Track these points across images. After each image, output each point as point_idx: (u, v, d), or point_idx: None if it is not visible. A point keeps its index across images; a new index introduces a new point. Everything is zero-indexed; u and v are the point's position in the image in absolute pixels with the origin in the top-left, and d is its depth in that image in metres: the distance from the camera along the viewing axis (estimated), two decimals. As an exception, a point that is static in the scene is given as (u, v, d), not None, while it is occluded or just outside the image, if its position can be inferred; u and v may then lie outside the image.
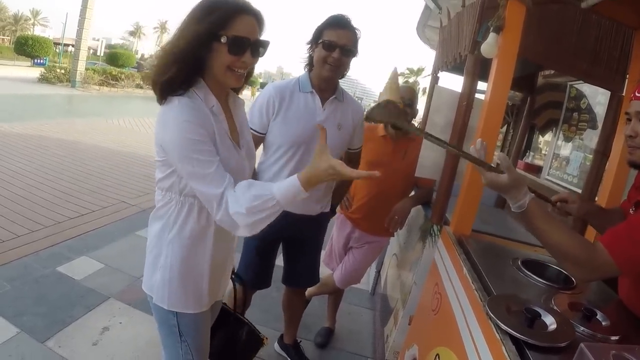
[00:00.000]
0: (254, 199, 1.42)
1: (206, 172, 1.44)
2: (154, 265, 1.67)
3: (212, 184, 1.44)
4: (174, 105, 1.47)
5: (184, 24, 1.51)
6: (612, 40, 2.42)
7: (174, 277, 1.64)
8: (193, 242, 1.64)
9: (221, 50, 1.50)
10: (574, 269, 1.46)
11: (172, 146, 1.46)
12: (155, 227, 1.67)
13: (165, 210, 1.63)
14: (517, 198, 1.49)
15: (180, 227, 1.61)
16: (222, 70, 1.54)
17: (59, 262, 3.99)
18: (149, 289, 1.70)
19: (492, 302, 1.45)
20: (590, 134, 4.08)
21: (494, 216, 3.23)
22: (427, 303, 2.25)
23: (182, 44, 1.48)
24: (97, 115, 14.63)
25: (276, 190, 1.45)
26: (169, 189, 1.60)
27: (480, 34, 2.22)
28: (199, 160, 1.44)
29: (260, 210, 1.42)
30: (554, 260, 2.17)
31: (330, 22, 2.36)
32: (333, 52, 2.32)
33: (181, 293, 1.67)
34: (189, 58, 1.49)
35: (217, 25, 1.47)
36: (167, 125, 1.47)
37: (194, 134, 1.44)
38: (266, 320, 3.39)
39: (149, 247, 1.70)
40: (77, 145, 9.13)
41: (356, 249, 3.33)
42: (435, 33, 4.75)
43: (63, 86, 23.15)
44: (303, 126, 2.39)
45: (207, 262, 1.69)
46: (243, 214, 1.41)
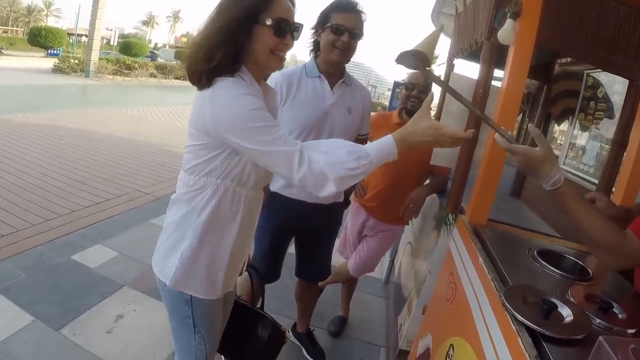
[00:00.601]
0: (349, 153, 1.39)
1: (276, 136, 1.40)
2: (172, 250, 1.63)
3: (287, 144, 1.40)
4: (227, 83, 1.45)
5: (218, 11, 1.50)
6: (630, 27, 2.36)
7: (195, 261, 1.62)
8: (221, 228, 1.63)
9: (264, 33, 1.49)
10: (605, 255, 1.43)
11: (234, 122, 1.41)
12: (179, 211, 1.63)
13: (196, 193, 1.59)
14: (551, 174, 1.40)
15: (212, 211, 1.58)
16: (266, 54, 1.53)
17: (73, 250, 4.03)
18: (164, 274, 1.65)
19: (508, 292, 1.43)
20: (607, 124, 4.03)
21: (510, 205, 3.21)
22: (441, 292, 2.24)
23: (226, 30, 1.47)
24: (111, 105, 14.72)
25: (369, 148, 1.43)
26: (207, 174, 1.56)
27: (497, 20, 2.19)
28: (266, 127, 1.40)
29: (355, 166, 1.39)
30: (570, 251, 2.16)
31: (337, 5, 2.34)
32: (342, 36, 2.30)
33: (199, 278, 1.64)
34: (232, 42, 1.47)
35: (258, 8, 1.47)
36: (222, 104, 1.43)
37: (253, 104, 1.42)
38: (279, 308, 3.39)
39: (168, 230, 1.66)
40: (91, 134, 9.19)
41: (370, 237, 3.31)
42: (450, 20, 4.69)
43: (77, 76, 23.24)
44: (313, 110, 2.38)
45: (229, 248, 1.66)
46: (338, 165, 1.37)
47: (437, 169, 3.01)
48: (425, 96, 2.95)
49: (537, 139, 1.42)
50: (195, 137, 1.54)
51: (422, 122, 1.43)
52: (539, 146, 1.40)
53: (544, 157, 1.40)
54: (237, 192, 1.59)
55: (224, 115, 1.42)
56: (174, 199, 1.67)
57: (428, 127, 1.42)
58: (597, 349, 1.03)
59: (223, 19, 1.48)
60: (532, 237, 2.28)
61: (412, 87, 3.02)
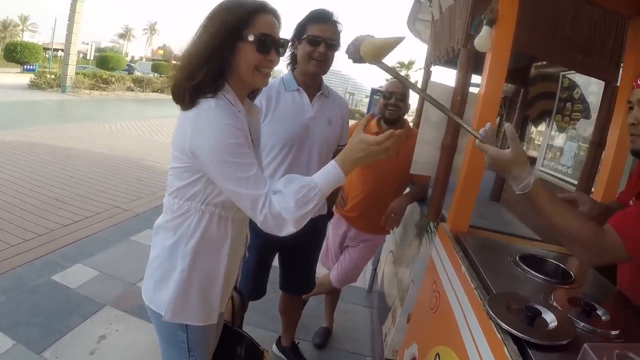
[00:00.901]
0: (299, 190, 1.40)
1: (249, 175, 1.39)
2: (163, 281, 1.59)
3: (256, 186, 1.39)
4: (211, 107, 1.42)
5: (203, 27, 1.48)
6: (605, 30, 2.40)
7: (190, 290, 1.58)
8: (211, 253, 1.59)
9: (247, 50, 1.47)
10: (582, 251, 1.44)
11: (210, 151, 1.39)
12: (166, 240, 1.59)
13: (181, 221, 1.56)
14: (520, 177, 1.43)
15: (200, 238, 1.55)
16: (250, 71, 1.51)
17: (53, 270, 3.95)
18: (157, 305, 1.61)
19: (492, 300, 1.42)
20: (584, 124, 4.07)
21: (490, 210, 3.21)
22: (425, 301, 2.23)
23: (208, 47, 1.45)
24: (88, 120, 14.57)
25: (316, 178, 1.44)
26: (190, 198, 1.53)
27: (473, 27, 2.20)
28: (241, 164, 1.39)
29: (307, 201, 1.40)
30: (551, 254, 2.17)
31: (313, 16, 2.33)
32: (319, 47, 2.29)
33: (196, 306, 1.61)
34: (214, 59, 1.45)
35: (240, 24, 1.45)
36: (204, 129, 1.40)
37: (235, 137, 1.40)
38: (263, 322, 3.36)
39: (157, 261, 1.62)
40: (69, 151, 9.07)
41: (352, 247, 3.31)
42: (426, 26, 4.72)
43: (53, 91, 23.00)
44: (293, 124, 2.37)
45: (222, 272, 1.63)
46: (292, 207, 1.38)
47: (416, 177, 3.00)
48: (403, 104, 2.97)
49: (510, 140, 1.43)
50: (178, 159, 1.51)
51: (353, 140, 1.46)
52: (511, 148, 1.42)
53: (513, 160, 1.43)
54: (223, 217, 1.56)
55: (202, 142, 1.40)
56: (159, 225, 1.64)
57: (358, 143, 1.45)
58: (583, 356, 1.03)
59: (206, 36, 1.46)
60: (513, 242, 2.28)
61: (390, 95, 3.02)
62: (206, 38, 1.45)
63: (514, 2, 2.02)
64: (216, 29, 1.45)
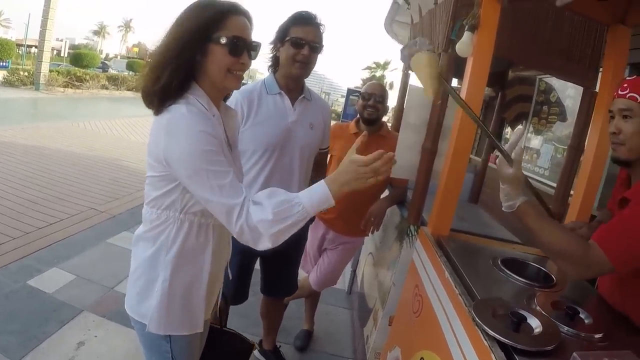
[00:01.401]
0: (280, 204, 1.36)
1: (223, 183, 1.35)
2: (145, 291, 1.56)
3: (231, 195, 1.35)
4: (183, 113, 1.38)
5: (172, 28, 1.45)
6: (585, 37, 2.44)
7: (173, 300, 1.55)
8: (193, 261, 1.56)
9: (218, 52, 1.44)
10: (568, 266, 1.48)
11: (184, 159, 1.36)
12: (146, 251, 1.56)
13: (159, 231, 1.53)
14: (509, 196, 1.54)
15: (180, 247, 1.52)
16: (222, 74, 1.47)
17: (29, 275, 3.86)
18: (141, 316, 1.58)
19: (477, 307, 1.43)
20: (560, 127, 4.13)
21: (469, 212, 3.24)
22: (407, 304, 2.24)
23: (174, 47, 1.41)
24: (62, 119, 14.29)
25: (301, 195, 1.40)
26: (167, 207, 1.50)
27: (454, 33, 2.21)
28: (215, 172, 1.35)
29: (286, 216, 1.36)
30: (531, 256, 2.20)
31: (297, 18, 2.32)
32: (302, 49, 2.27)
33: (180, 316, 1.58)
34: (181, 61, 1.42)
35: (211, 26, 1.42)
36: (177, 136, 1.37)
37: (209, 144, 1.36)
38: (245, 325, 3.33)
39: (138, 271, 1.59)
40: (43, 150, 8.89)
41: (330, 250, 3.31)
42: (403, 28, 4.74)
43: (27, 89, 22.59)
44: (275, 128, 2.35)
45: (204, 281, 1.60)
46: (269, 220, 1.34)
47: (395, 180, 3.00)
48: (381, 106, 2.99)
49: (514, 161, 1.54)
50: (153, 167, 1.48)
51: (345, 160, 1.44)
52: (513, 168, 1.53)
53: (509, 178, 1.54)
54: (203, 224, 1.53)
55: (175, 150, 1.37)
56: (138, 236, 1.60)
57: (348, 163, 1.42)
58: (572, 365, 1.05)
59: (175, 36, 1.43)
60: (494, 245, 2.31)
61: (369, 97, 3.04)
62: (175, 38, 1.42)
63: (496, 8, 2.04)
64: (186, 29, 1.42)
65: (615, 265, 1.39)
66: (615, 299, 1.73)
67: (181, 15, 1.46)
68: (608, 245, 1.40)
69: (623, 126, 1.58)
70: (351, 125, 3.22)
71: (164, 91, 1.41)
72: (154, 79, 1.42)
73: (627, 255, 1.39)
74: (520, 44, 2.34)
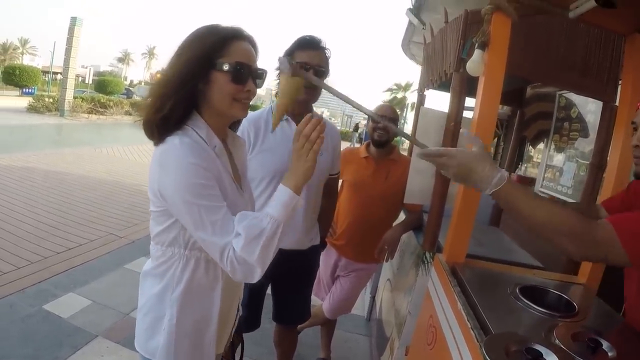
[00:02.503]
0: (249, 223, 1.31)
1: (215, 219, 1.30)
2: (154, 328, 1.51)
3: (222, 233, 1.30)
4: (175, 145, 1.33)
5: (174, 57, 1.41)
6: (601, 49, 2.35)
7: (181, 338, 1.49)
8: (202, 299, 1.50)
9: (222, 80, 1.39)
10: (571, 242, 1.32)
11: (174, 191, 1.31)
12: (154, 287, 1.51)
13: (166, 268, 1.47)
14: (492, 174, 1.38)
15: (186, 285, 1.46)
16: (227, 102, 1.42)
17: (45, 299, 3.88)
18: (150, 353, 1.52)
19: (489, 343, 1.34)
20: (582, 143, 4.02)
21: (489, 236, 3.12)
22: (422, 335, 2.14)
23: (177, 78, 1.37)
24: (85, 145, 14.52)
25: (267, 206, 1.35)
26: (171, 244, 1.45)
27: (465, 51, 2.15)
28: (206, 207, 1.30)
29: (259, 232, 1.30)
30: (553, 282, 2.09)
31: (301, 43, 2.29)
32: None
33: (190, 354, 1.52)
34: (184, 91, 1.37)
35: (213, 53, 1.38)
36: (168, 168, 1.33)
37: (200, 177, 1.31)
38: (259, 354, 3.28)
39: (145, 308, 1.53)
40: (65, 176, 9.02)
41: (343, 277, 3.25)
42: (420, 49, 4.70)
43: (52, 115, 23.10)
44: (282, 155, 2.29)
45: (214, 319, 1.53)
46: (246, 243, 1.28)
47: (409, 205, 2.93)
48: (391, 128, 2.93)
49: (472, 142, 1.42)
50: (153, 202, 1.43)
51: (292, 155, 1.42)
52: (474, 147, 1.39)
53: (480, 156, 1.38)
54: (211, 260, 1.44)
55: (167, 182, 1.33)
56: (146, 272, 1.55)
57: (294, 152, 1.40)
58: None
59: (178, 64, 1.39)
60: (513, 271, 2.19)
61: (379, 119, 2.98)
62: (178, 66, 1.38)
63: (507, 24, 1.97)
64: (187, 58, 1.38)
65: (626, 249, 1.23)
66: None
67: (183, 44, 1.42)
68: (623, 227, 1.25)
69: None
70: (361, 149, 3.18)
71: (164, 122, 1.37)
72: (155, 110, 1.38)
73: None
74: (534, 60, 2.27)
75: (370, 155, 3.08)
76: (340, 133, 2.77)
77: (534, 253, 2.76)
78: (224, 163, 1.48)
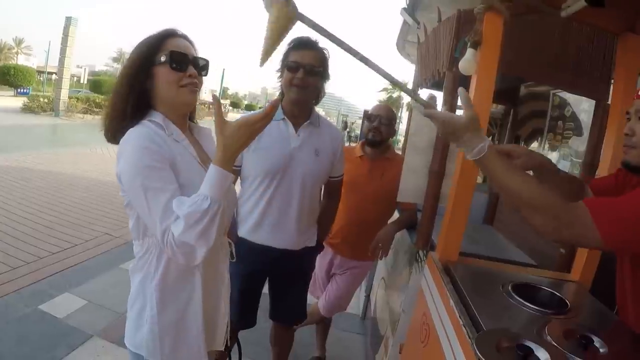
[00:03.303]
0: (188, 207, 1.33)
1: (157, 202, 1.35)
2: (138, 320, 1.55)
3: (161, 217, 1.34)
4: (131, 133, 1.41)
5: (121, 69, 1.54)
6: (594, 48, 2.36)
7: (163, 328, 1.52)
8: (179, 288, 1.54)
9: (162, 71, 1.49)
10: (544, 219, 1.33)
11: (128, 174, 1.38)
12: (136, 280, 1.56)
13: (145, 260, 1.52)
14: (473, 142, 1.42)
15: (163, 274, 1.50)
16: (173, 90, 1.50)
17: (41, 299, 3.88)
18: (136, 346, 1.56)
19: (480, 339, 1.34)
20: (576, 142, 4.04)
21: (483, 234, 3.14)
22: (415, 333, 2.15)
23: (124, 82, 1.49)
24: (80, 145, 14.46)
25: (202, 188, 1.37)
26: (144, 235, 1.50)
27: (458, 50, 2.15)
28: (153, 189, 1.35)
29: (200, 216, 1.32)
30: (545, 280, 2.10)
31: (293, 43, 2.31)
32: (297, 73, 2.26)
33: (174, 345, 1.55)
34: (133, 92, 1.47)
35: (152, 52, 1.47)
36: (124, 153, 1.39)
37: (152, 160, 1.37)
38: (255, 353, 3.28)
39: (131, 301, 1.59)
40: (60, 176, 9.02)
41: (339, 275, 3.26)
42: (415, 48, 4.70)
43: (46, 115, 23.02)
44: (276, 154, 2.32)
45: (198, 308, 1.57)
46: (186, 227, 1.31)
47: (403, 203, 2.94)
48: (387, 128, 2.95)
49: (464, 105, 1.44)
50: (122, 194, 1.48)
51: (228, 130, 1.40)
52: (464, 112, 1.41)
53: (466, 124, 1.42)
54: None
55: (122, 166, 1.39)
56: (131, 269, 1.60)
57: (237, 129, 1.39)
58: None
59: (123, 72, 1.51)
60: (506, 270, 2.20)
61: (374, 118, 3.02)
62: (124, 73, 1.49)
63: (499, 23, 1.97)
64: (131, 63, 1.48)
65: (601, 232, 1.23)
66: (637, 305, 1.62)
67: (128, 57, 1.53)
68: (598, 209, 1.25)
69: (638, 128, 1.48)
70: (357, 148, 3.20)
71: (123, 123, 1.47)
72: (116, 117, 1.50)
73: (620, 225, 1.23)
74: (526, 59, 2.28)
75: (365, 155, 3.10)
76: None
77: (527, 251, 2.78)
78: (186, 148, 1.54)
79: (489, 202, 3.69)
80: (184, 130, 1.61)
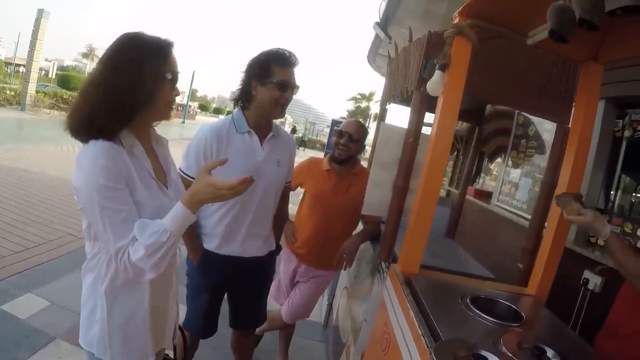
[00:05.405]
0: (150, 237, 1.40)
1: (112, 222, 1.40)
2: (90, 319, 1.59)
3: (119, 236, 1.41)
4: (90, 148, 1.43)
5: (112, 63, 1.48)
6: (558, 74, 2.46)
7: (113, 328, 1.57)
8: (128, 290, 1.58)
9: (166, 90, 1.51)
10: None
11: (84, 189, 1.41)
12: (87, 280, 1.60)
13: (95, 261, 1.56)
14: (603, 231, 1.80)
15: (112, 277, 1.54)
16: (167, 107, 1.55)
17: (3, 300, 3.79)
18: (88, 344, 1.61)
19: (438, 349, 1.42)
20: (538, 160, 4.17)
21: (444, 247, 3.22)
22: (377, 342, 2.22)
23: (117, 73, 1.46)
24: (46, 141, 14.11)
25: (166, 221, 1.44)
26: (96, 239, 1.53)
27: (427, 71, 2.23)
28: (108, 209, 1.40)
29: (158, 246, 1.40)
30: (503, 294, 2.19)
31: (279, 59, 2.31)
32: (286, 93, 2.30)
33: (123, 344, 1.60)
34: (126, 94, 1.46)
35: (160, 61, 1.49)
36: (82, 167, 1.42)
37: (108, 179, 1.40)
38: (216, 358, 3.29)
39: (83, 300, 1.62)
40: (25, 173, 8.82)
41: (303, 283, 3.30)
42: (385, 61, 4.79)
43: (12, 109, 22.48)
44: (243, 167, 2.30)
45: (145, 310, 1.62)
46: (144, 256, 1.39)
47: (367, 216, 2.99)
48: (354, 145, 2.98)
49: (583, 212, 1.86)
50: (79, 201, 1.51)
51: (200, 182, 1.49)
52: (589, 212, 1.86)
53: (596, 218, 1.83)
54: None
55: (79, 181, 1.43)
56: (84, 268, 1.63)
57: (205, 185, 1.47)
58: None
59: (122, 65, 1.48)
60: (465, 282, 2.28)
61: (342, 134, 3.06)
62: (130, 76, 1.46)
63: (467, 47, 2.05)
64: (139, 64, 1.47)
65: None
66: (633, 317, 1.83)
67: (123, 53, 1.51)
68: None
69: None
70: (324, 161, 3.22)
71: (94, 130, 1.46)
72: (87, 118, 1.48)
73: None
74: (492, 83, 2.37)
75: (332, 169, 3.13)
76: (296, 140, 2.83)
77: (486, 265, 2.87)
78: (141, 162, 1.56)
79: (451, 216, 3.79)
80: (145, 139, 1.64)
